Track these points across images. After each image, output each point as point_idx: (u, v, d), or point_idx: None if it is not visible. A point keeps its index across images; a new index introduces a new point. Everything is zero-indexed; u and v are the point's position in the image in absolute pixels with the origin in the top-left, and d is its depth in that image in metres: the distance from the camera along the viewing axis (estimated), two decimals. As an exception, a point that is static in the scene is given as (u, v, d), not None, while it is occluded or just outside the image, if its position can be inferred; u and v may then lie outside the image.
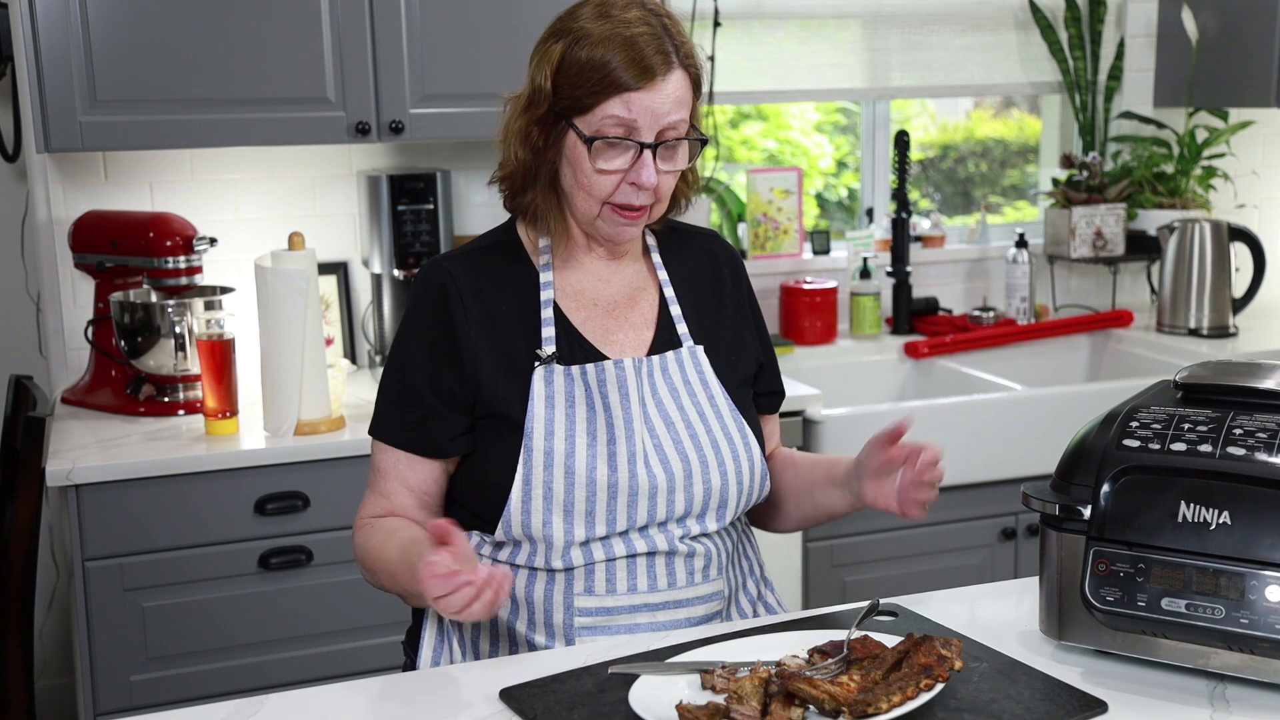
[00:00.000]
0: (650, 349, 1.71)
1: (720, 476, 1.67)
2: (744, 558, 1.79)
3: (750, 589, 1.79)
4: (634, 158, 1.60)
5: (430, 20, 2.80)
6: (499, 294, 1.68)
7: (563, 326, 1.68)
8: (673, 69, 1.60)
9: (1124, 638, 1.45)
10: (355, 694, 1.49)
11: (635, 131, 1.59)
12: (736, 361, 1.76)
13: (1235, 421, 1.42)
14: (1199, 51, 3.59)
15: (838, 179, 3.86)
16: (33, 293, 3.12)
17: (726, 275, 1.81)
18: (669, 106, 1.60)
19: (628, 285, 1.74)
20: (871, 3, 3.56)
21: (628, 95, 1.58)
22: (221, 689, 2.53)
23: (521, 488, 1.62)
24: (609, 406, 1.64)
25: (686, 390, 1.70)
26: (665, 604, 1.66)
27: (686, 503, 1.66)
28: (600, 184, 1.62)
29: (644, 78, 1.58)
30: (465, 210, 3.22)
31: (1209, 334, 3.46)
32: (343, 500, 2.58)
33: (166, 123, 2.67)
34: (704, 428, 1.68)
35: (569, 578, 1.64)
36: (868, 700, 1.30)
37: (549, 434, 1.62)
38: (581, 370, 1.64)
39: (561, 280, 1.71)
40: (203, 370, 2.60)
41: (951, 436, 2.94)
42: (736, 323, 1.79)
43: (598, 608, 1.64)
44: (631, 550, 1.64)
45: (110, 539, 2.46)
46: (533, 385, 1.63)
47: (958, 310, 3.68)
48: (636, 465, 1.62)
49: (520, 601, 1.66)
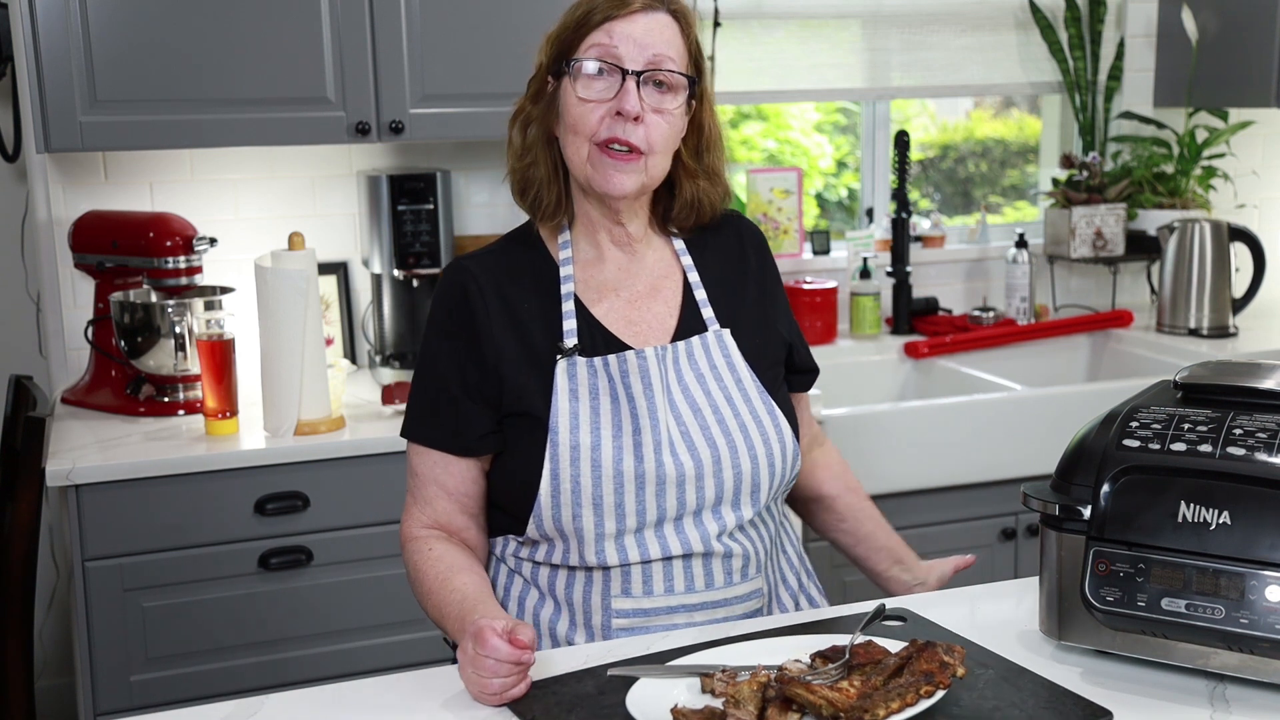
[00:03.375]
0: (675, 335, 1.70)
1: (750, 460, 1.67)
2: (782, 551, 1.79)
3: (791, 582, 1.80)
4: (617, 86, 1.61)
5: (430, 20, 2.80)
6: (520, 289, 1.69)
7: (584, 319, 1.68)
8: (657, 9, 1.64)
9: (1124, 638, 1.45)
10: (355, 694, 1.49)
11: (619, 59, 1.61)
12: (764, 343, 1.75)
13: (1235, 421, 1.42)
14: (1199, 51, 3.59)
15: (838, 179, 3.86)
16: (33, 293, 3.12)
17: (751, 255, 1.80)
18: (652, 38, 1.61)
19: (650, 273, 1.74)
20: (871, 3, 3.56)
21: (609, 25, 1.61)
22: (221, 689, 2.53)
23: (550, 483, 1.62)
24: (633, 397, 1.64)
25: (713, 375, 1.69)
26: (703, 604, 1.66)
27: (717, 489, 1.65)
28: (585, 117, 1.62)
29: (623, 6, 1.62)
30: (465, 210, 3.22)
31: (1209, 334, 3.46)
32: (343, 500, 2.58)
33: (166, 123, 2.67)
34: (732, 412, 1.67)
35: (606, 578, 1.64)
36: (865, 706, 1.30)
37: (574, 427, 1.62)
38: (604, 362, 1.64)
39: (582, 272, 1.71)
40: (203, 370, 2.60)
41: (951, 436, 2.95)
42: (763, 303, 1.78)
43: (635, 609, 1.64)
44: (667, 552, 1.64)
45: (110, 539, 2.46)
46: (555, 378, 1.64)
47: (958, 310, 3.68)
48: (663, 454, 1.62)
49: (561, 602, 1.67)
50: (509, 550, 1.72)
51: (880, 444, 2.90)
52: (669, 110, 1.64)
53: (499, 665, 1.40)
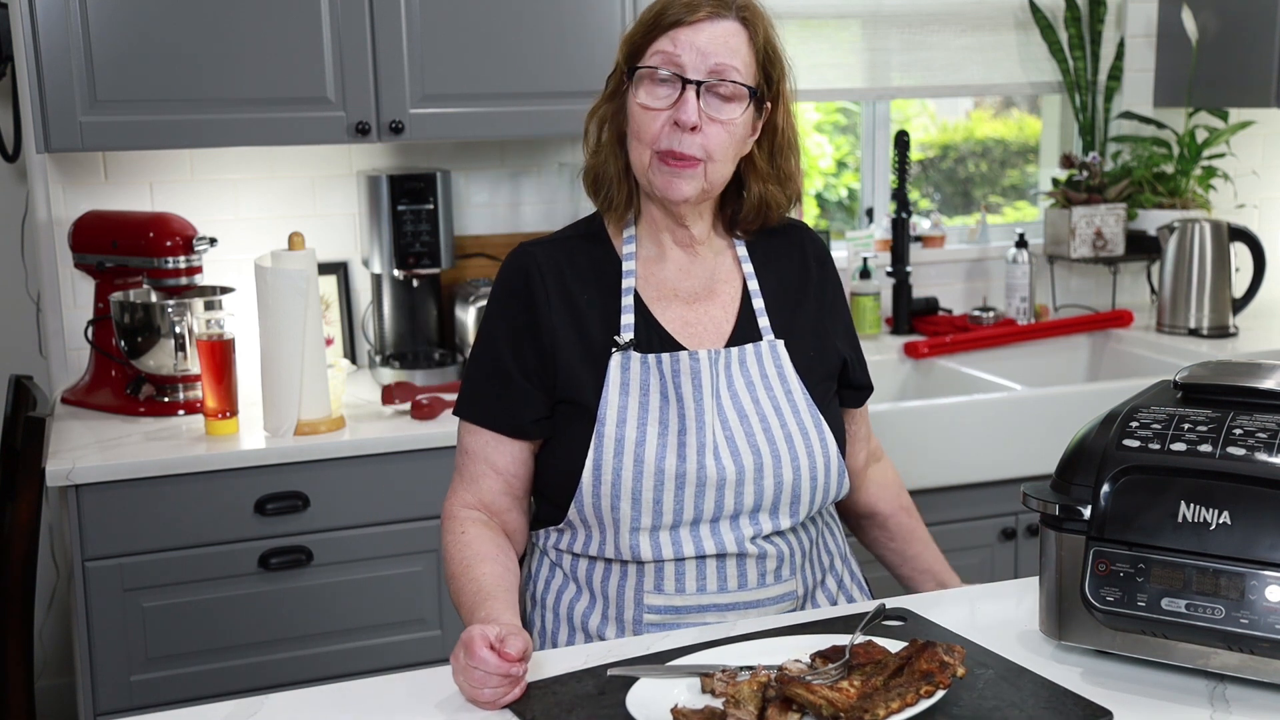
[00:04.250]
0: (730, 341, 1.71)
1: (793, 471, 1.67)
2: (824, 552, 1.79)
3: (830, 585, 1.80)
4: (678, 95, 1.61)
5: (430, 20, 2.80)
6: (581, 280, 1.70)
7: (642, 315, 1.69)
8: (725, 16, 1.63)
9: (1124, 638, 1.45)
10: (355, 694, 1.49)
11: (681, 68, 1.61)
12: (818, 356, 1.75)
13: (1235, 421, 1.42)
14: (1199, 51, 3.59)
15: (838, 179, 3.86)
16: (33, 293, 3.11)
17: (813, 267, 1.81)
18: (715, 46, 1.61)
19: (710, 277, 1.74)
20: (871, 3, 3.56)
21: (674, 32, 1.61)
22: (221, 689, 2.53)
23: (592, 473, 1.63)
24: (681, 397, 1.64)
25: (764, 384, 1.70)
26: (735, 604, 1.67)
27: (756, 496, 1.66)
28: (646, 124, 1.63)
29: (691, 12, 1.61)
30: (465, 210, 3.22)
31: (1209, 334, 3.46)
32: (343, 500, 2.58)
33: (166, 123, 2.67)
34: (779, 422, 1.68)
35: (640, 573, 1.65)
36: (865, 706, 1.30)
37: (621, 421, 1.63)
38: (657, 359, 1.65)
39: (644, 270, 1.72)
40: (203, 370, 2.60)
41: (951, 436, 2.94)
42: (821, 316, 1.78)
43: (666, 606, 1.66)
44: (701, 550, 1.65)
45: (110, 539, 2.46)
46: (609, 371, 1.65)
47: (958, 310, 3.68)
48: (705, 457, 1.63)
49: (596, 594, 1.69)
50: (549, 542, 1.75)
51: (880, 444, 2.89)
52: (729, 119, 1.64)
53: (487, 676, 1.40)
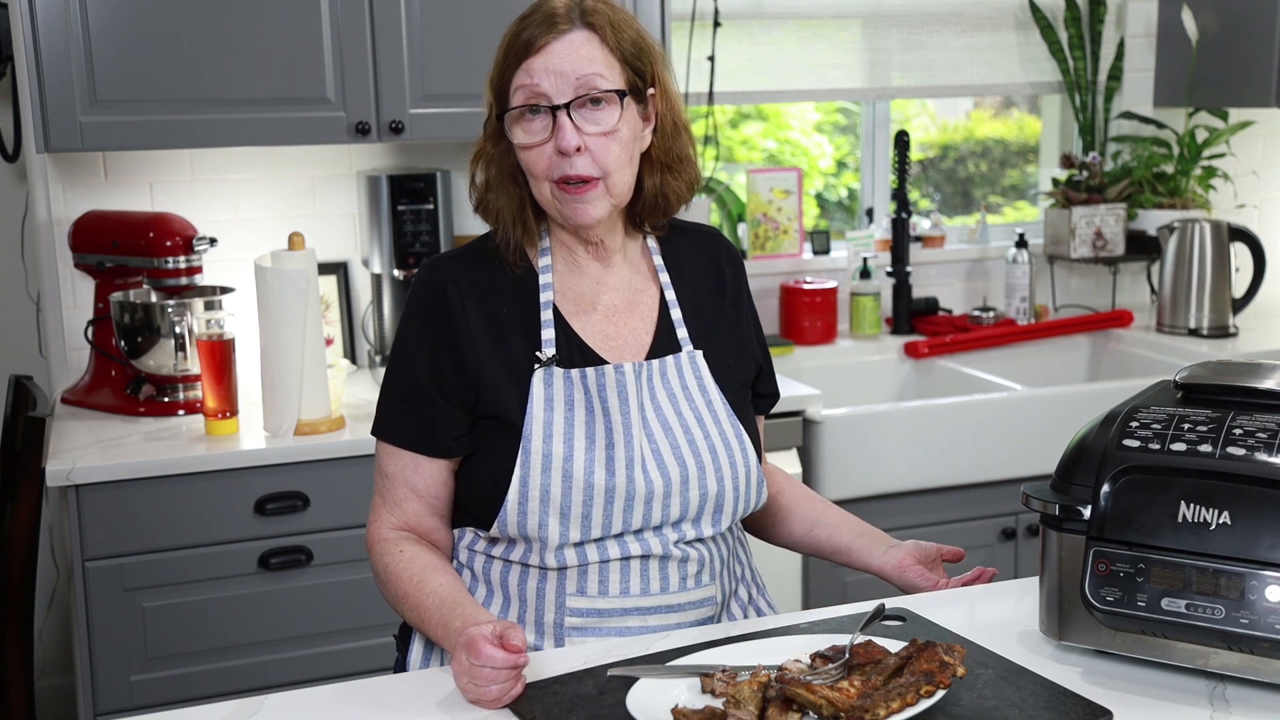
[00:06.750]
0: (650, 352, 1.70)
1: (717, 482, 1.67)
2: (737, 562, 1.79)
3: (742, 594, 1.79)
4: (552, 123, 1.59)
5: (430, 20, 2.80)
6: (498, 295, 1.68)
7: (562, 330, 1.67)
8: (570, 29, 1.59)
9: (1124, 638, 1.45)
10: (355, 694, 1.49)
11: (544, 96, 1.58)
12: (735, 364, 1.75)
13: (1235, 421, 1.42)
14: (1199, 51, 3.59)
15: (838, 179, 3.86)
16: (33, 293, 3.12)
17: (728, 275, 1.80)
18: (570, 63, 1.58)
19: (627, 288, 1.73)
20: (871, 3, 3.56)
21: (527, 62, 1.59)
22: (221, 689, 2.53)
23: (519, 489, 1.61)
24: (608, 411, 1.63)
25: (685, 395, 1.69)
26: (656, 608, 1.65)
27: (682, 507, 1.65)
28: (534, 161, 1.61)
29: (536, 38, 1.58)
30: (465, 210, 3.21)
31: (1209, 334, 3.46)
32: (343, 500, 2.58)
33: (166, 123, 2.67)
34: (702, 433, 1.68)
35: (561, 577, 1.64)
36: (865, 706, 1.29)
37: (548, 436, 1.61)
38: (581, 374, 1.63)
39: (561, 283, 1.70)
40: (203, 370, 2.60)
41: (951, 436, 2.95)
42: (737, 324, 1.79)
43: (589, 609, 1.64)
44: (625, 553, 1.64)
45: (110, 539, 2.46)
46: (532, 387, 1.63)
47: (958, 310, 3.68)
48: (634, 470, 1.62)
49: (513, 597, 1.66)
50: (464, 542, 1.71)
51: (880, 444, 2.90)
52: (611, 128, 1.61)
53: (496, 673, 1.40)
